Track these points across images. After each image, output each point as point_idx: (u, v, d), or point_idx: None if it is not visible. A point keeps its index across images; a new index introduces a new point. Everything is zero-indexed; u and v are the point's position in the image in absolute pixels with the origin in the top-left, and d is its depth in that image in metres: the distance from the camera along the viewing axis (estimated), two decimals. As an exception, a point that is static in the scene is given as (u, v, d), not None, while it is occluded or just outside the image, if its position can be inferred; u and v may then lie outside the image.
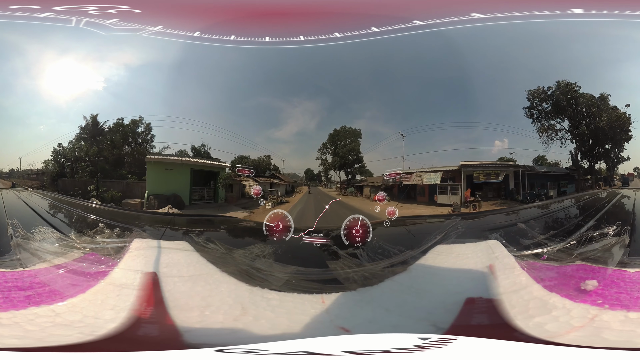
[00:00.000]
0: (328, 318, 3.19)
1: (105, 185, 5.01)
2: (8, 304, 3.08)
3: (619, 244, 3.84)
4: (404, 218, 4.49)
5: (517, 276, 3.58)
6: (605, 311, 3.12)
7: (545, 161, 5.40)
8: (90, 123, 4.69)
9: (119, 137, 4.96)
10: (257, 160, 5.17)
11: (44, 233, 3.92)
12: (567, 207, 5.29)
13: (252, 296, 3.47)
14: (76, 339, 2.72)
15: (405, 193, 5.18)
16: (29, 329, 2.82)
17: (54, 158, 5.09)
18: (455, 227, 4.30)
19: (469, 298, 3.33)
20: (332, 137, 5.58)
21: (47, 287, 3.33)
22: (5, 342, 2.64)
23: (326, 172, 6.12)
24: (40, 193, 5.24)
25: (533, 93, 4.99)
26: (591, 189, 5.39)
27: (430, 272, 3.79)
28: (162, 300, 3.29)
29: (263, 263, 3.96)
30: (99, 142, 4.99)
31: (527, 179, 5.27)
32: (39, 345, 2.59)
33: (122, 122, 4.91)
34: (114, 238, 4.04)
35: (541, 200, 5.25)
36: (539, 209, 5.13)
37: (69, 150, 4.97)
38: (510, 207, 5.00)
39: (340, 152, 5.80)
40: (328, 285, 3.62)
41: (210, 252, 4.04)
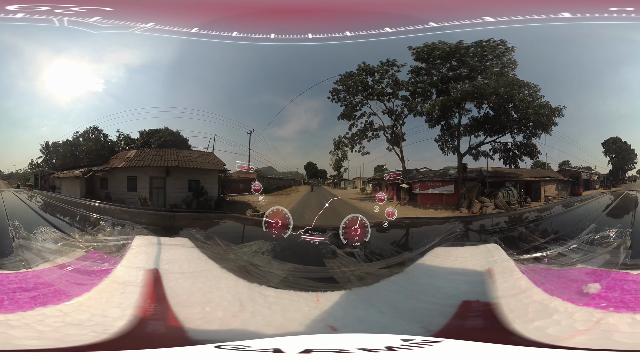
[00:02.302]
0: (321, 316, 3.25)
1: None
2: (14, 306, 3.12)
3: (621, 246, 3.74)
4: (402, 219, 4.45)
5: (516, 280, 3.53)
6: (611, 314, 3.07)
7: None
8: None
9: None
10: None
11: (45, 233, 3.98)
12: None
13: (251, 292, 3.55)
14: (92, 338, 2.78)
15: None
16: (41, 329, 2.88)
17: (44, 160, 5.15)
18: (454, 230, 4.24)
19: (464, 301, 3.31)
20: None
21: (52, 287, 3.39)
22: (22, 343, 2.69)
23: (337, 164, 4.73)
24: (40, 193, 5.36)
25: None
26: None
27: (427, 274, 3.78)
28: (165, 297, 3.39)
29: (261, 260, 4.03)
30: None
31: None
32: (57, 347, 2.64)
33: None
34: (115, 235, 4.13)
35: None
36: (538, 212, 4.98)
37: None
38: (510, 212, 4.88)
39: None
40: (324, 284, 3.67)
41: (210, 248, 4.12)
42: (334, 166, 4.75)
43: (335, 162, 4.74)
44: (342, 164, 4.80)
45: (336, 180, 4.94)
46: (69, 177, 5.10)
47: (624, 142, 4.91)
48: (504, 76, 4.48)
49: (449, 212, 4.69)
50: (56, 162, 5.12)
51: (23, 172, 5.24)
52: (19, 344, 2.67)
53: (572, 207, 5.20)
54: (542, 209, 4.90)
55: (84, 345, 2.69)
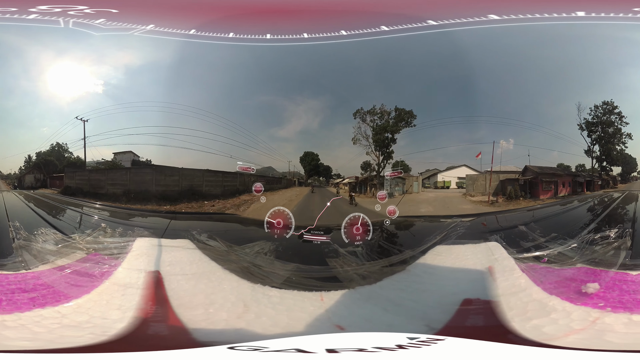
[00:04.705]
0: (326, 316, 3.26)
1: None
2: (12, 307, 3.09)
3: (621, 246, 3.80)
4: (404, 217, 4.47)
5: (516, 278, 3.59)
6: (608, 314, 3.12)
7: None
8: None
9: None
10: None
11: (46, 234, 3.93)
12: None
13: (254, 293, 3.55)
14: (89, 340, 2.77)
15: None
16: (36, 330, 2.86)
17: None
18: (455, 228, 4.28)
19: (466, 299, 3.35)
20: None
21: (51, 289, 3.35)
22: (14, 344, 2.67)
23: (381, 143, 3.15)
24: (41, 194, 5.30)
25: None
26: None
27: (428, 272, 3.81)
28: (167, 299, 3.37)
29: (264, 260, 4.02)
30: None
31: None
32: (51, 347, 2.62)
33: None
34: (116, 237, 4.08)
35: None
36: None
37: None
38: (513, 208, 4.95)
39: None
40: (327, 283, 3.68)
41: (211, 249, 4.09)
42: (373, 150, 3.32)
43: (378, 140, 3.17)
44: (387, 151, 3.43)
45: (373, 179, 3.49)
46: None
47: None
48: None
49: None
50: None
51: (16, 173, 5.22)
52: (11, 345, 2.65)
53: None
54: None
55: (80, 346, 2.67)
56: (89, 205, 4.78)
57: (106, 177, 4.89)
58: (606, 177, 5.11)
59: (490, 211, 4.67)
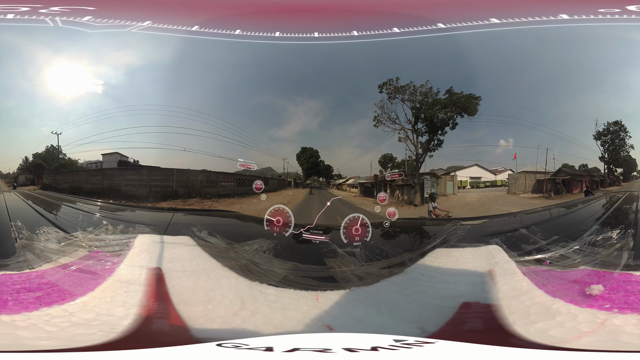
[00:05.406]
0: (319, 315, 3.27)
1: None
2: (19, 306, 3.13)
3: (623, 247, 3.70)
4: (404, 219, 4.43)
5: (517, 281, 3.51)
6: (615, 315, 3.05)
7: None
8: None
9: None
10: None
11: (48, 233, 3.99)
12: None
13: (252, 291, 3.57)
14: (100, 338, 2.82)
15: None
16: (49, 329, 2.90)
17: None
18: (455, 231, 4.21)
19: (464, 302, 3.30)
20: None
21: (55, 287, 3.41)
22: (32, 343, 2.70)
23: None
24: (41, 193, 5.42)
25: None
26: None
27: (426, 275, 3.76)
28: (168, 296, 3.43)
29: (263, 258, 4.06)
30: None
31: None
32: (69, 347, 2.66)
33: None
34: (118, 234, 4.14)
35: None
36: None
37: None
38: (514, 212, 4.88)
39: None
40: (324, 283, 3.68)
41: (211, 246, 4.14)
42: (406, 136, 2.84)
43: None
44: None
45: (407, 178, 2.93)
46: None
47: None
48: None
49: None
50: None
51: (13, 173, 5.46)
52: (30, 345, 2.69)
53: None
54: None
55: (94, 345, 2.72)
56: (91, 203, 4.90)
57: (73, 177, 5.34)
58: (612, 177, 5.70)
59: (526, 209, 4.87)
